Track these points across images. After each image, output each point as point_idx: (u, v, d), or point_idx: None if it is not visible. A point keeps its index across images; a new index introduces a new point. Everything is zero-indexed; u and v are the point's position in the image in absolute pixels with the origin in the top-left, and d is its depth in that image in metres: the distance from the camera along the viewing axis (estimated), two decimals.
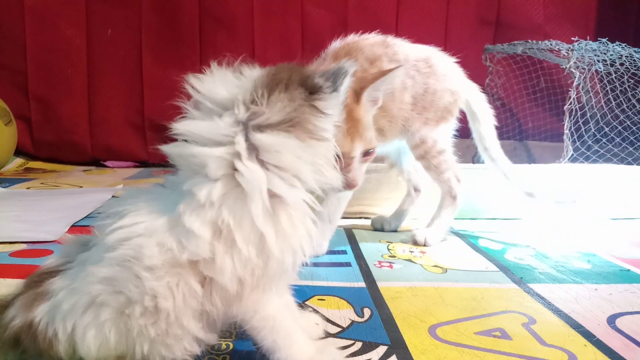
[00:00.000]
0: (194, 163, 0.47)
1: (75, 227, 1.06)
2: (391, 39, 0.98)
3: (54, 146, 2.01)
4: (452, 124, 1.02)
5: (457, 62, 1.03)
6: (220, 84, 0.48)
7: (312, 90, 0.49)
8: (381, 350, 0.59)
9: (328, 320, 0.66)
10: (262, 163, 0.46)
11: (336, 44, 0.94)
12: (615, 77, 1.39)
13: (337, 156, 0.50)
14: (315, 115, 0.48)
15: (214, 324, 0.51)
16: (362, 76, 0.78)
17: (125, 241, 0.47)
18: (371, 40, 0.96)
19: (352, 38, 0.95)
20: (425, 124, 0.97)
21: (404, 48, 0.97)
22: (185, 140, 0.48)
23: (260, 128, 0.46)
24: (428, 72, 0.97)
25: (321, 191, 0.49)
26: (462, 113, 1.07)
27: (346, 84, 0.50)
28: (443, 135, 1.00)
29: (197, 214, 0.46)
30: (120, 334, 0.48)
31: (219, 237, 0.46)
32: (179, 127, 0.47)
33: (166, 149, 0.48)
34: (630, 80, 1.40)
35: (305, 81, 0.49)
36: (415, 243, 1.02)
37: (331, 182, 0.49)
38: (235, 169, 0.46)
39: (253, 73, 0.50)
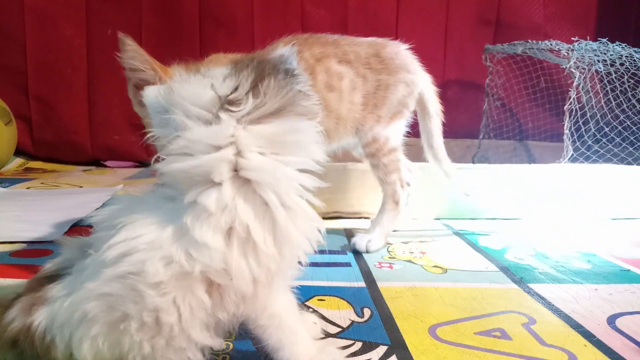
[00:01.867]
0: (196, 174, 0.45)
1: (75, 227, 1.07)
2: (343, 39, 0.96)
3: (54, 146, 2.01)
4: (406, 120, 0.99)
5: (412, 49, 1.00)
6: (199, 86, 0.47)
7: (290, 75, 0.49)
8: (381, 350, 0.59)
9: (328, 320, 0.66)
10: (263, 153, 0.46)
11: (288, 38, 0.91)
12: (615, 77, 1.39)
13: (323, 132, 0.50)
14: (302, 97, 0.48)
15: (222, 328, 0.50)
16: None
17: (125, 257, 0.45)
18: (323, 39, 0.95)
19: (305, 35, 0.94)
20: (377, 121, 0.95)
21: (354, 47, 0.95)
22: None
23: (259, 120, 0.46)
24: (380, 68, 0.95)
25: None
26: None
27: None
28: (396, 132, 0.98)
29: (208, 224, 0.44)
30: (113, 347, 0.47)
31: (231, 242, 0.45)
32: (182, 141, 0.45)
33: (164, 167, 0.46)
34: (630, 80, 1.40)
35: (283, 68, 0.49)
36: (356, 250, 0.97)
37: (317, 158, 0.49)
38: (237, 169, 0.45)
39: (218, 71, 0.48)
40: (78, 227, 1.07)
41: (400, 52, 0.99)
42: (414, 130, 1.04)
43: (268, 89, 0.46)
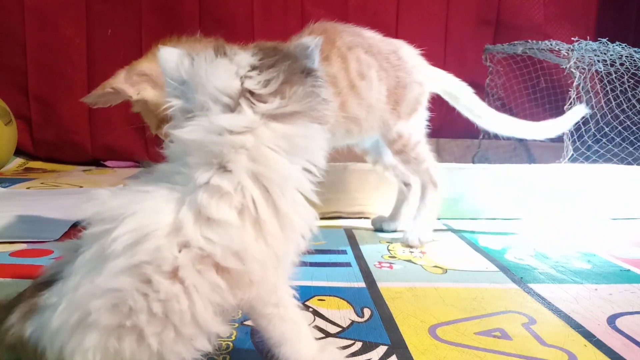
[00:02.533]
0: (212, 151, 0.46)
1: (75, 227, 1.06)
2: (365, 31, 0.99)
3: (54, 146, 2.01)
4: (423, 114, 1.03)
5: (422, 54, 1.04)
6: (226, 72, 0.48)
7: (311, 77, 0.51)
8: (381, 350, 0.59)
9: (328, 320, 0.66)
10: (276, 151, 0.48)
11: (317, 24, 0.94)
12: (615, 77, 1.39)
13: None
14: (321, 103, 0.50)
15: (228, 315, 0.49)
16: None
17: (136, 246, 0.44)
18: (349, 28, 0.98)
19: (332, 23, 0.97)
20: (399, 117, 0.98)
21: (376, 41, 0.99)
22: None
23: (277, 117, 0.48)
24: (398, 65, 0.98)
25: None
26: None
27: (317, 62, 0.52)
28: (417, 126, 1.01)
29: (224, 202, 0.45)
30: (109, 357, 0.45)
31: (244, 221, 0.46)
32: (204, 122, 0.46)
33: (183, 134, 0.47)
34: (630, 80, 1.40)
35: (306, 68, 0.50)
36: (409, 246, 1.00)
37: (318, 164, 0.51)
38: (250, 157, 0.47)
39: (244, 58, 0.49)
40: (78, 227, 1.07)
41: (414, 54, 1.02)
42: None
43: (294, 95, 0.48)
